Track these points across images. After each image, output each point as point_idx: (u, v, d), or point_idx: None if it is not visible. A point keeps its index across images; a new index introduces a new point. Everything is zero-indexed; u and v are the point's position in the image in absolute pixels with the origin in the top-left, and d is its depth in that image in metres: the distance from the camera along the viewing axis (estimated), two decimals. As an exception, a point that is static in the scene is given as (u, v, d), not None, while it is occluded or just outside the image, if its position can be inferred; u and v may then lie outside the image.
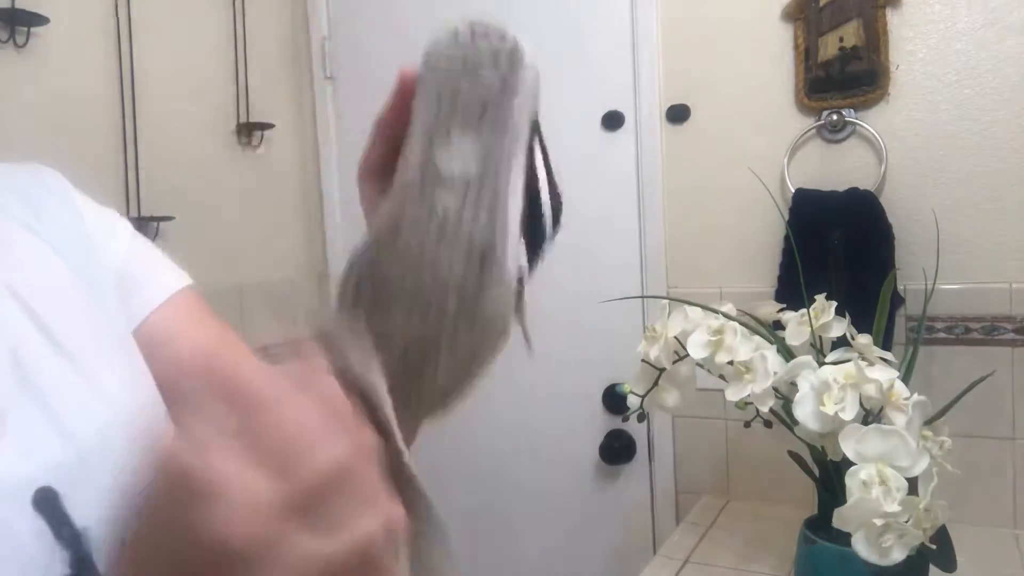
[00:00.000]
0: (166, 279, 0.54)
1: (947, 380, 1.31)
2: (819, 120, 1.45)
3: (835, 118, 1.43)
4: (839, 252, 1.35)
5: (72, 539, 0.37)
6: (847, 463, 0.90)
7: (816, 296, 1.04)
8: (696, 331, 1.04)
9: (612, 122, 1.63)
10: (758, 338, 1.04)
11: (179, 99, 1.59)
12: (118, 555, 0.28)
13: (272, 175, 1.85)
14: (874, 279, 1.21)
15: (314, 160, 1.93)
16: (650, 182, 1.60)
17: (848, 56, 1.42)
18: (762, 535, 1.34)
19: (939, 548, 0.91)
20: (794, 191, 1.44)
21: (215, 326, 0.54)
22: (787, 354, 1.03)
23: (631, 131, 1.62)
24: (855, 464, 0.89)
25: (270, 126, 1.78)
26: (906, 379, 1.00)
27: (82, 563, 0.37)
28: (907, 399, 0.91)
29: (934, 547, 0.89)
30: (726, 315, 1.05)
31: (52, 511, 0.37)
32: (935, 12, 1.37)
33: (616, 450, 1.65)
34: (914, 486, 0.89)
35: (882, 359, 0.99)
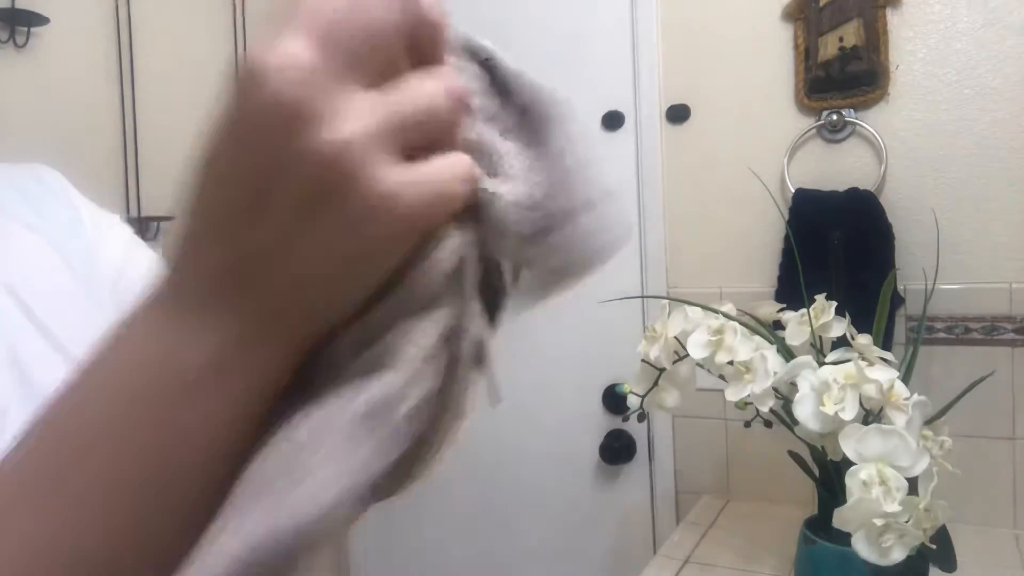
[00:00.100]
0: None
1: (947, 380, 1.31)
2: (819, 120, 1.45)
3: (835, 118, 1.43)
4: (839, 252, 1.35)
5: None
6: (847, 463, 0.90)
7: (816, 296, 1.04)
8: (696, 331, 1.04)
9: (612, 122, 1.63)
10: (758, 338, 1.04)
11: (179, 99, 1.59)
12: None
13: (272, 175, 1.84)
14: (874, 279, 1.21)
15: (314, 160, 1.93)
16: (650, 182, 1.60)
17: (848, 56, 1.42)
18: (762, 535, 1.34)
19: (939, 548, 0.91)
20: (794, 191, 1.44)
21: None
22: (787, 354, 1.03)
23: (631, 131, 1.62)
24: (855, 464, 0.89)
25: (270, 126, 1.78)
26: (906, 379, 1.00)
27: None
28: (907, 399, 0.91)
29: (934, 547, 0.89)
30: (726, 315, 1.05)
31: None
32: (935, 12, 1.37)
33: (616, 450, 1.65)
34: (914, 486, 0.89)
35: (882, 359, 0.99)
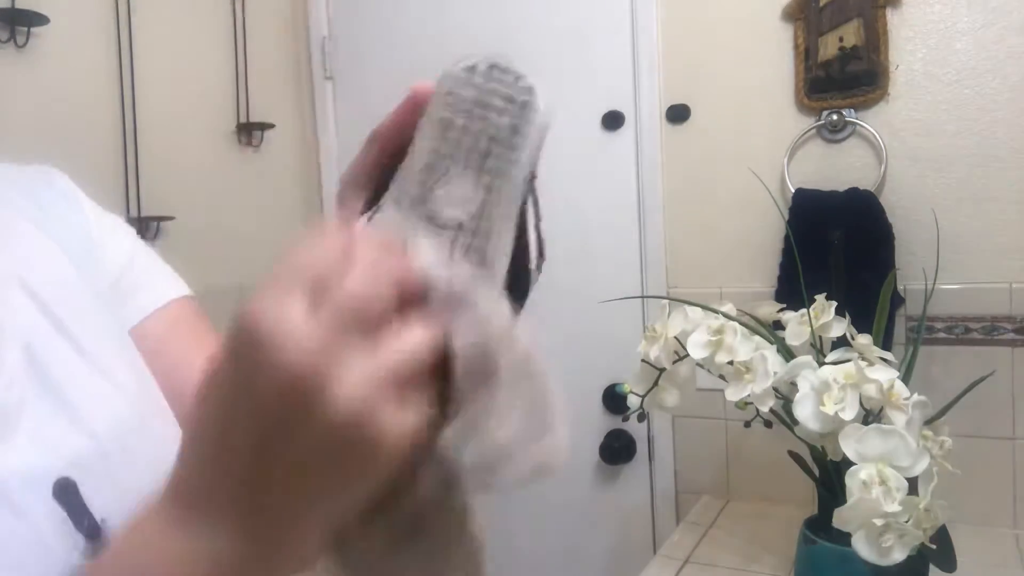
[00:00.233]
0: (163, 287, 0.54)
1: (947, 380, 1.31)
2: (819, 120, 1.45)
3: (835, 118, 1.43)
4: (839, 252, 1.35)
5: (91, 529, 0.38)
6: (847, 463, 0.90)
7: (816, 296, 1.04)
8: (696, 331, 1.04)
9: (612, 122, 1.63)
10: (758, 338, 1.04)
11: (179, 99, 1.59)
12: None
13: (272, 175, 1.85)
14: (874, 279, 1.21)
15: (314, 160, 1.93)
16: (650, 182, 1.60)
17: (848, 56, 1.42)
18: (762, 535, 1.34)
19: (939, 548, 0.91)
20: (794, 191, 1.44)
21: (207, 338, 0.54)
22: (787, 354, 1.03)
23: (631, 131, 1.62)
24: (855, 464, 0.89)
25: (270, 126, 1.78)
26: (906, 379, 1.00)
27: (100, 553, 0.37)
28: (907, 399, 0.91)
29: (934, 547, 0.89)
30: (726, 315, 1.05)
31: (71, 501, 0.38)
32: (935, 12, 1.37)
33: (616, 450, 1.65)
34: (914, 486, 0.89)
35: (882, 359, 0.99)
